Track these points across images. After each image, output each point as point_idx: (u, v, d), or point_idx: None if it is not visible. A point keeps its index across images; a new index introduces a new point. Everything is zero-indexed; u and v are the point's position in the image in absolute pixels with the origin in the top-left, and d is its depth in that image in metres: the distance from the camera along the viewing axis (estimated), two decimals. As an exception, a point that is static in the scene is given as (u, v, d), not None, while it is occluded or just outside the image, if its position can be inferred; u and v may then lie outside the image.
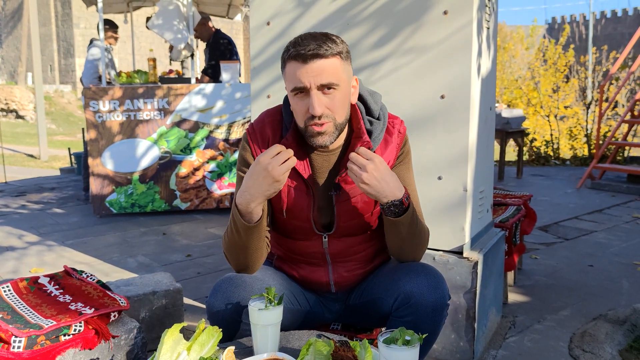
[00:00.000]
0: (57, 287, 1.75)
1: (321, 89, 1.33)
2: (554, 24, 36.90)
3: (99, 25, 4.94)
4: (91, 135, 4.70)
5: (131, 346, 1.63)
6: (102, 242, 4.04)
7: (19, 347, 1.40)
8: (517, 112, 6.95)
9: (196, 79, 5.15)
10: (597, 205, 5.28)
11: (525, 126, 8.55)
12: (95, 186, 4.73)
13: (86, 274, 1.86)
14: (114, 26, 5.57)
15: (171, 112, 4.76)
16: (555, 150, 9.23)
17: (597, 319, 2.52)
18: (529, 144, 9.26)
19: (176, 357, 1.16)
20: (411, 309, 1.37)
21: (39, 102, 11.13)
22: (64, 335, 1.48)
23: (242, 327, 1.39)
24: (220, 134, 4.86)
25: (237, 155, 4.68)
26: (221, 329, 1.24)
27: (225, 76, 4.86)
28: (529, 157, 9.05)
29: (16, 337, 1.41)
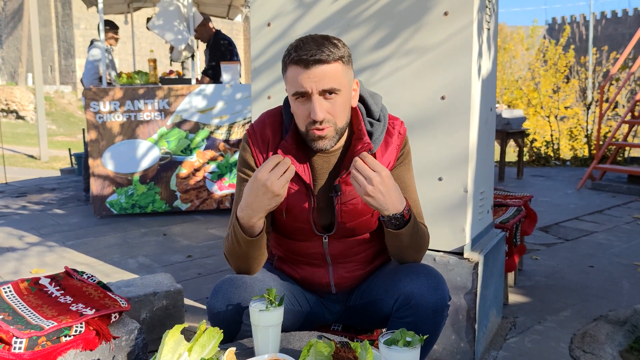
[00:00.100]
0: (58, 288, 1.76)
1: (323, 94, 1.33)
2: (554, 25, 36.89)
3: (100, 26, 4.95)
4: (92, 136, 4.71)
5: (132, 347, 1.63)
6: (103, 243, 4.04)
7: (20, 348, 1.40)
8: (517, 112, 6.95)
9: (196, 79, 5.15)
10: (598, 205, 5.28)
11: (525, 127, 8.54)
12: (95, 187, 4.73)
13: (87, 274, 1.87)
14: (115, 27, 5.57)
15: (171, 113, 4.76)
16: (555, 150, 9.23)
17: (597, 320, 2.52)
18: (529, 144, 9.26)
19: (177, 358, 1.16)
20: (411, 310, 1.37)
21: (39, 102, 11.13)
22: (65, 336, 1.48)
23: (242, 328, 1.39)
24: (220, 135, 4.86)
25: (237, 156, 4.66)
26: (222, 330, 1.24)
27: (225, 77, 4.87)
28: (530, 158, 9.05)
29: (17, 338, 1.42)
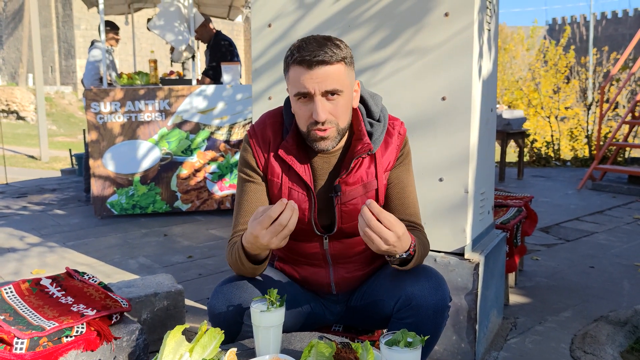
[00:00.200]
0: (59, 288, 1.76)
1: (325, 95, 1.33)
2: (555, 25, 36.89)
3: (100, 26, 4.95)
4: (92, 136, 4.71)
5: (133, 348, 1.63)
6: (103, 244, 4.04)
7: (21, 348, 1.41)
8: (517, 113, 6.95)
9: (197, 80, 5.15)
10: (598, 206, 5.28)
11: (526, 127, 8.55)
12: (96, 187, 4.73)
13: (88, 275, 1.87)
14: (115, 27, 5.58)
15: (172, 114, 4.76)
16: (556, 151, 9.23)
17: (598, 321, 2.52)
18: (530, 145, 9.26)
19: (178, 358, 1.16)
20: (412, 311, 1.38)
21: (39, 103, 11.14)
22: (66, 336, 1.48)
23: (243, 329, 1.39)
24: (221, 135, 4.87)
25: (238, 156, 4.65)
26: (223, 331, 1.24)
27: (226, 78, 4.87)
28: (530, 158, 9.05)
29: (18, 338, 1.42)
